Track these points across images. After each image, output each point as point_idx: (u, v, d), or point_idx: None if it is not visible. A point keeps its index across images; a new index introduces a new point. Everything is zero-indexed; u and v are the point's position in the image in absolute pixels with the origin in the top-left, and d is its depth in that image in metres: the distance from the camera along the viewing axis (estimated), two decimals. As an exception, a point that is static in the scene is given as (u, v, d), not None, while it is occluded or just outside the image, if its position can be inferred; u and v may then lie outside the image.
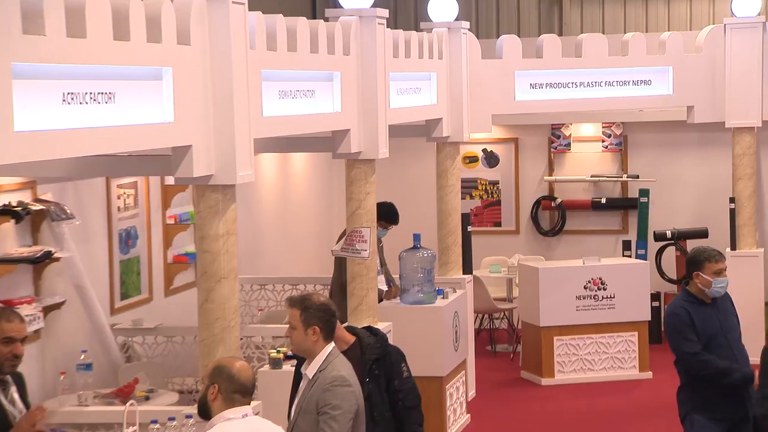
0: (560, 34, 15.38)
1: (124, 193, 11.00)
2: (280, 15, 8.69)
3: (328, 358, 6.52)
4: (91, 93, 6.36)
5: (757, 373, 7.65)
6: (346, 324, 7.83)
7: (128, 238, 11.08)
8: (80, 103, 6.22)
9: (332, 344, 6.59)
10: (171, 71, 7.11)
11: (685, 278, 8.28)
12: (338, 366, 6.51)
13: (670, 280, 14.68)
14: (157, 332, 10.61)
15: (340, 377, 6.43)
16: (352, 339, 7.00)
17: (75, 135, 6.20)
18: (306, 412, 6.46)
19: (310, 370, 6.53)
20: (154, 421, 7.01)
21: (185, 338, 10.58)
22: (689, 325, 7.97)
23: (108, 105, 6.49)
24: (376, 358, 7.01)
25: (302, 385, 6.61)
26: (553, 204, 15.87)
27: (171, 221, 11.70)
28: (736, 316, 8.38)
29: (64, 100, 6.08)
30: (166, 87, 7.10)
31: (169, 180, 11.51)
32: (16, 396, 6.47)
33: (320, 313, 6.57)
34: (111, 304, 10.67)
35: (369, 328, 7.37)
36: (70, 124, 6.12)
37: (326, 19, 9.75)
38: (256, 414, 6.37)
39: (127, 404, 7.59)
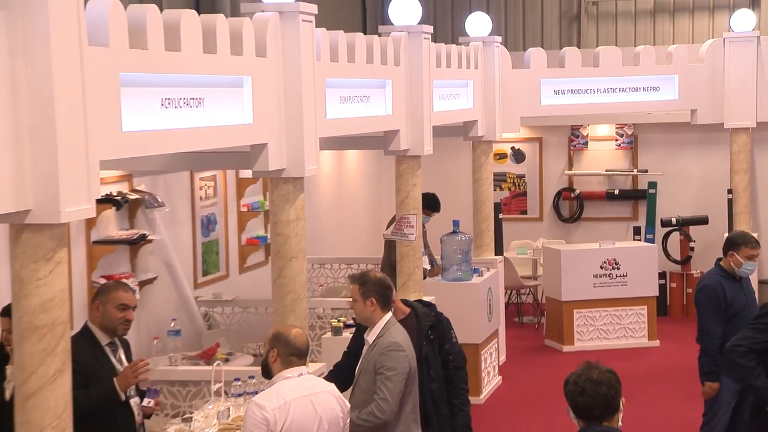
0: (579, 46, 15.29)
1: (206, 185, 11.13)
2: (341, 31, 8.73)
3: (386, 326, 6.52)
4: (184, 98, 6.45)
5: None
6: (400, 298, 7.83)
7: (208, 224, 11.20)
8: (175, 107, 6.34)
9: (390, 314, 6.59)
10: (250, 80, 7.17)
11: (722, 256, 8.17)
12: (394, 333, 6.51)
13: (675, 261, 14.66)
14: (233, 304, 10.75)
15: (395, 343, 6.43)
16: (407, 310, 6.96)
17: (171, 134, 6.33)
18: (366, 372, 6.47)
19: (370, 336, 6.54)
20: (237, 379, 7.09)
21: (257, 309, 10.73)
22: (722, 299, 7.93)
23: (198, 109, 6.59)
24: (431, 325, 6.97)
25: (364, 349, 6.60)
26: (572, 195, 15.84)
27: (244, 209, 11.78)
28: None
29: (162, 105, 6.21)
30: (246, 93, 7.17)
31: (244, 173, 11.62)
32: (123, 357, 6.55)
33: (376, 287, 6.58)
34: (194, 279, 10.79)
35: (421, 301, 7.35)
36: (166, 125, 6.26)
37: (379, 35, 9.83)
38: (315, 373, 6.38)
39: (214, 364, 7.68)
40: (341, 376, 6.84)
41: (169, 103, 6.25)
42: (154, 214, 9.64)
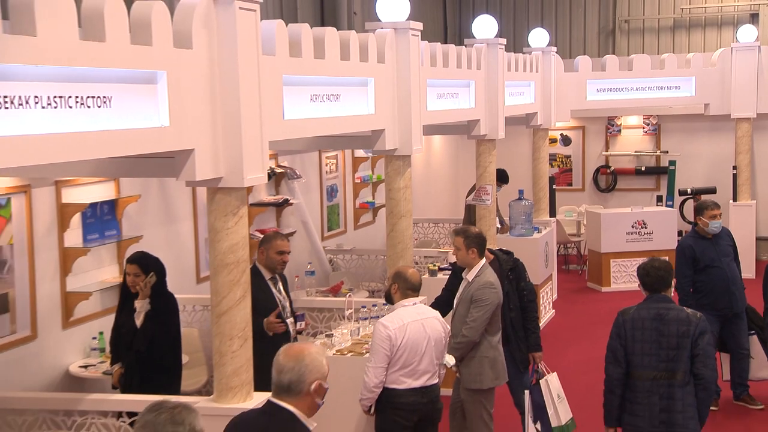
0: (613, 54, 15.20)
1: (330, 162, 11.20)
2: (438, 43, 8.66)
3: (481, 268, 6.52)
4: (326, 95, 6.45)
5: None
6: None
7: (332, 192, 11.27)
8: (320, 101, 6.37)
9: (484, 260, 6.59)
10: (373, 81, 7.12)
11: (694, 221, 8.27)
12: (488, 274, 6.50)
13: (689, 222, 14.49)
14: (351, 252, 10.84)
15: (489, 282, 6.43)
16: (491, 257, 6.91)
17: (317, 122, 6.37)
18: (464, 302, 6.47)
19: (469, 276, 6.52)
20: (363, 306, 7.18)
21: (369, 256, 10.81)
22: (690, 259, 7.93)
23: (336, 102, 6.58)
24: (510, 268, 6.95)
25: (462, 284, 6.58)
26: (608, 171, 15.70)
27: (358, 180, 11.83)
28: (734, 246, 8.24)
29: (311, 99, 6.25)
30: (370, 91, 7.12)
31: (358, 153, 11.74)
32: (281, 287, 6.75)
33: (476, 239, 6.58)
34: (322, 233, 10.87)
35: (502, 250, 7.30)
36: (314, 114, 6.28)
37: (463, 44, 9.78)
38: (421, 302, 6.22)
39: (347, 296, 7.81)
40: (442, 305, 6.84)
41: (315, 98, 6.31)
42: (294, 184, 9.76)
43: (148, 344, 6.15)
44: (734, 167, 13.86)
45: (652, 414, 5.46)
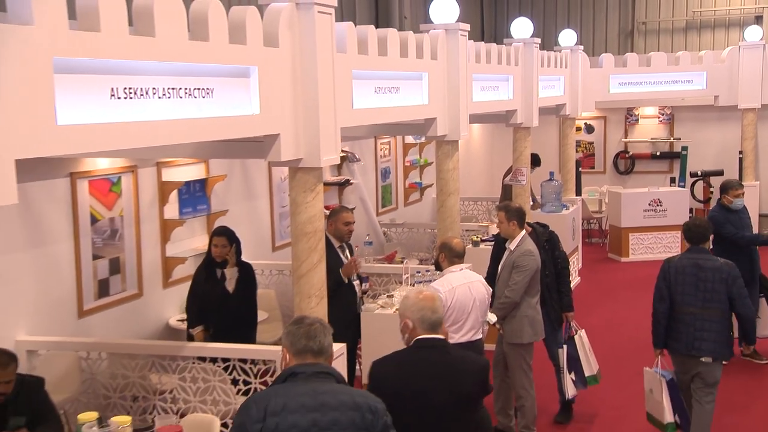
0: (632, 52, 15.05)
1: (383, 147, 11.21)
2: (483, 42, 8.64)
3: (522, 239, 6.44)
4: (387, 87, 6.39)
5: None
6: None
7: (385, 173, 11.28)
8: (383, 93, 6.31)
9: (524, 231, 6.53)
10: (427, 75, 7.04)
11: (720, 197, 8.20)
12: (527, 244, 6.45)
13: (699, 201, 14.29)
14: (403, 225, 10.81)
15: (528, 251, 6.38)
16: (529, 229, 6.79)
17: (381, 111, 6.31)
18: (507, 268, 6.39)
19: (511, 245, 6.45)
20: (418, 272, 7.04)
21: (418, 229, 10.74)
22: (725, 222, 7.90)
23: (395, 94, 6.51)
24: (546, 239, 6.85)
25: (505, 253, 6.50)
26: (626, 155, 15.48)
27: (407, 164, 11.82)
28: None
29: (375, 92, 6.19)
30: (425, 84, 7.02)
31: (408, 139, 11.77)
32: (348, 254, 6.79)
33: (516, 213, 6.52)
34: (377, 209, 10.86)
35: (538, 223, 7.19)
36: (377, 104, 6.23)
37: (497, 43, 9.65)
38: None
39: (404, 262, 7.87)
40: (491, 277, 6.64)
41: (379, 90, 6.26)
42: (353, 166, 9.76)
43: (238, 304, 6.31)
44: (740, 152, 13.67)
45: (687, 340, 5.89)
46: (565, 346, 6.65)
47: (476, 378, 3.77)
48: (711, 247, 6.46)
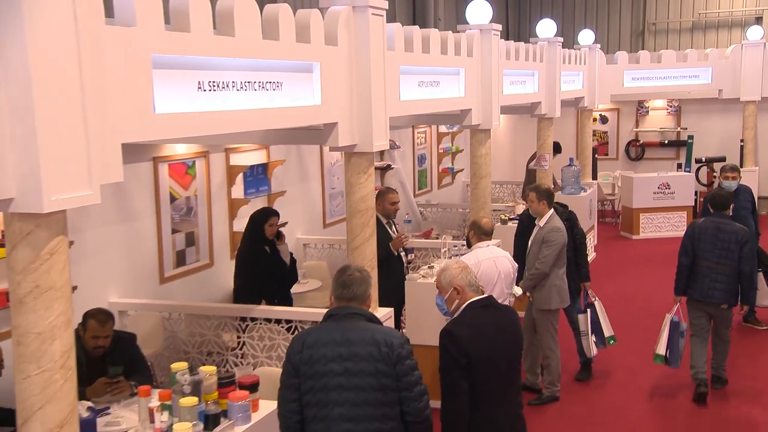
0: (643, 50, 14.86)
1: (420, 136, 11.17)
2: (512, 41, 8.64)
3: (550, 217, 6.45)
4: (430, 81, 6.33)
5: None
6: None
7: (421, 159, 11.25)
8: (425, 86, 6.29)
9: (552, 210, 6.53)
10: (464, 70, 6.98)
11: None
12: (555, 221, 6.46)
13: (703, 184, 14.10)
14: (437, 206, 10.76)
15: (556, 227, 6.39)
16: (552, 209, 6.65)
17: (423, 102, 6.27)
18: (536, 242, 6.42)
19: (541, 222, 6.47)
20: (455, 246, 7.01)
21: (450, 209, 10.69)
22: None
23: (437, 87, 6.47)
24: (566, 218, 6.77)
25: (535, 230, 6.51)
26: (637, 143, 15.36)
27: (441, 150, 11.78)
28: (753, 202, 8.39)
29: (419, 85, 6.17)
30: (461, 79, 6.99)
31: (442, 129, 11.69)
32: (395, 229, 6.89)
33: (546, 193, 6.54)
34: (414, 191, 10.84)
35: (558, 203, 7.02)
36: (420, 96, 6.22)
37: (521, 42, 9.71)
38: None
39: (442, 238, 7.76)
40: (520, 253, 6.73)
41: (422, 84, 6.25)
42: (394, 152, 9.76)
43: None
44: (741, 140, 13.51)
45: (703, 289, 6.35)
46: (588, 311, 6.67)
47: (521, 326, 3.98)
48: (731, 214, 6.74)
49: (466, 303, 3.78)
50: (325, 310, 3.57)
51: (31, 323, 2.92)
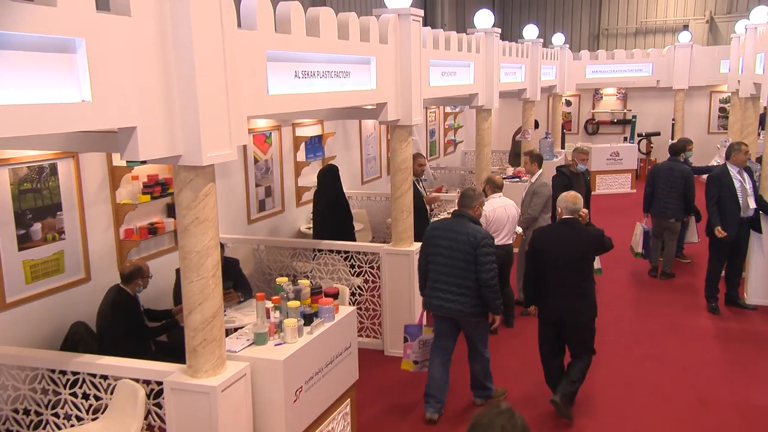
0: (600, 49, 14.75)
1: (431, 114, 11.01)
2: (506, 41, 8.70)
3: (539, 174, 6.51)
4: (449, 72, 6.29)
5: None
6: None
7: (432, 132, 11.10)
8: (446, 76, 6.27)
9: (541, 169, 6.56)
10: (473, 64, 6.92)
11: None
12: (543, 178, 6.51)
13: (642, 153, 14.11)
14: (445, 169, 10.67)
15: (543, 183, 6.43)
16: (541, 169, 6.59)
17: (444, 89, 6.26)
18: (528, 194, 6.42)
19: (532, 179, 6.51)
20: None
21: (453, 171, 10.63)
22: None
23: (453, 76, 6.39)
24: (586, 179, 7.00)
25: (527, 184, 6.54)
26: (593, 121, 15.31)
27: (446, 126, 11.64)
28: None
29: (442, 74, 6.14)
30: (471, 71, 6.92)
31: (449, 109, 11.58)
32: (423, 186, 6.90)
33: (537, 157, 6.59)
34: (427, 157, 10.30)
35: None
36: (443, 83, 6.19)
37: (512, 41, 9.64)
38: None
39: (456, 191, 7.85)
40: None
41: (444, 74, 6.26)
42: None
43: None
44: (673, 119, 13.44)
45: (659, 208, 7.26)
46: None
47: (591, 241, 4.40)
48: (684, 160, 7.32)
49: (561, 218, 4.47)
50: (369, 244, 3.83)
51: (192, 244, 3.12)
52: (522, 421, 1.78)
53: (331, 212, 6.35)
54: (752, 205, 6.20)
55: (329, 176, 6.47)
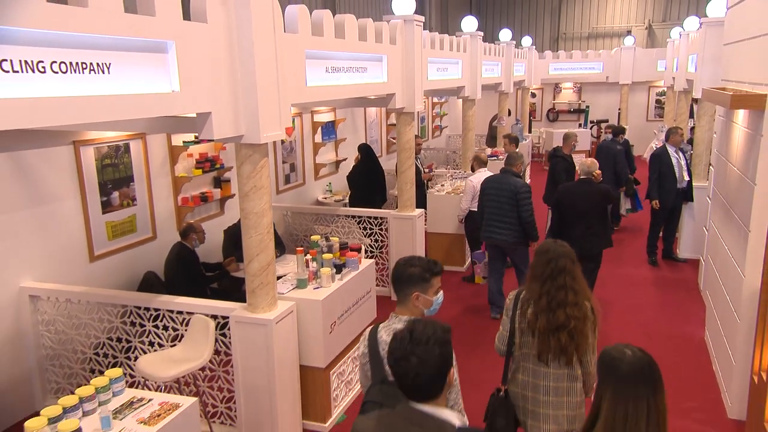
0: (559, 50, 14.74)
1: (438, 103, 10.95)
2: (483, 42, 8.52)
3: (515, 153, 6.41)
4: (443, 68, 6.29)
5: None
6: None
7: (422, 119, 10.86)
8: (440, 72, 6.21)
9: (517, 149, 6.53)
10: (461, 62, 6.91)
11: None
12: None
13: (594, 137, 14.12)
14: (433, 149, 10.29)
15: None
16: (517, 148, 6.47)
17: (439, 82, 6.19)
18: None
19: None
20: (454, 174, 7.08)
21: (440, 151, 10.36)
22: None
23: (445, 72, 6.36)
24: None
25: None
26: (554, 110, 15.32)
27: (434, 114, 11.43)
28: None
29: (437, 70, 6.12)
30: (459, 67, 6.89)
31: (434, 99, 11.46)
32: (421, 163, 7.02)
33: (515, 139, 6.67)
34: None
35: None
36: (438, 77, 6.17)
37: (494, 42, 9.58)
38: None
39: (447, 168, 7.82)
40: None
41: (439, 70, 6.23)
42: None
43: None
44: (619, 109, 13.55)
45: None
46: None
47: (601, 195, 4.83)
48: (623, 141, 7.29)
49: (578, 178, 4.94)
50: (378, 210, 4.06)
51: (251, 207, 3.25)
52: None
53: (373, 177, 6.51)
54: (686, 177, 6.36)
55: (370, 151, 6.60)
